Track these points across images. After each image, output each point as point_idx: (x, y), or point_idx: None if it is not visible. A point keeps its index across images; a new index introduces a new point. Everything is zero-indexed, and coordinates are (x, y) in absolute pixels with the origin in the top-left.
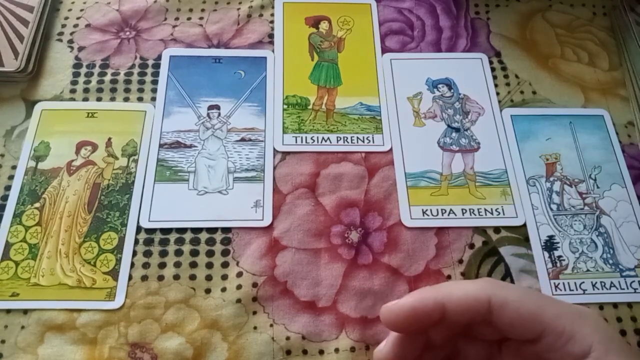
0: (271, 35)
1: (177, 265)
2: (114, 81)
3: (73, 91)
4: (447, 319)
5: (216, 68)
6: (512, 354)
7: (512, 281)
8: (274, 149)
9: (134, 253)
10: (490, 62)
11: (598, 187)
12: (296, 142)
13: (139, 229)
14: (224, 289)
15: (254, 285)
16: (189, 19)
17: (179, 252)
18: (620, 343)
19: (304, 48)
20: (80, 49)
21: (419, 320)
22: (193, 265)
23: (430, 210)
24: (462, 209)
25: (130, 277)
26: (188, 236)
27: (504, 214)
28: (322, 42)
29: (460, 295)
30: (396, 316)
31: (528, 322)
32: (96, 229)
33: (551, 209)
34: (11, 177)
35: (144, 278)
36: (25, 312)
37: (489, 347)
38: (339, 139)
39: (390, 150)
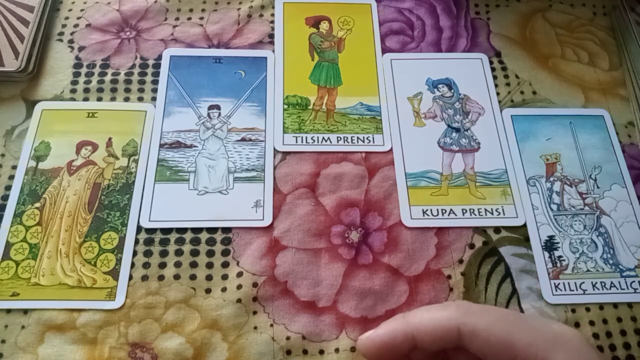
0: (271, 35)
1: (178, 265)
2: (114, 81)
3: (73, 91)
4: (419, 347)
5: (216, 68)
6: None
7: (512, 281)
8: (274, 149)
9: (135, 253)
10: (491, 62)
11: (598, 187)
12: (296, 142)
13: (139, 229)
14: (224, 289)
15: (254, 285)
16: (189, 19)
17: (179, 252)
18: None
19: (304, 48)
20: (81, 48)
21: (391, 352)
22: (193, 265)
23: (431, 210)
24: (462, 209)
25: (130, 277)
26: (188, 236)
27: (504, 214)
28: (322, 42)
29: (429, 326)
30: (368, 350)
31: (498, 350)
32: (96, 228)
33: (551, 209)
34: (11, 177)
35: (144, 278)
36: (26, 311)
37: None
38: (339, 139)
39: (391, 150)
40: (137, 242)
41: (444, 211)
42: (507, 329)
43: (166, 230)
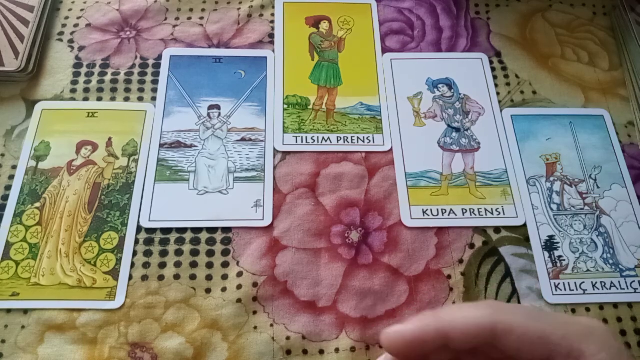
0: (271, 35)
1: (178, 265)
2: (114, 81)
3: (73, 91)
4: (450, 345)
5: (216, 68)
6: None
7: (512, 281)
8: (274, 148)
9: (135, 253)
10: (491, 62)
11: (598, 187)
12: (296, 142)
13: (139, 229)
14: (224, 289)
15: (254, 285)
16: (189, 18)
17: (179, 252)
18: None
19: (304, 48)
20: (81, 48)
21: (420, 348)
22: (193, 265)
23: (431, 210)
24: (463, 209)
25: (130, 277)
26: (188, 236)
27: (504, 214)
28: (322, 42)
29: (463, 324)
30: (396, 344)
31: (535, 346)
32: (96, 228)
33: (551, 209)
34: (11, 177)
35: (144, 278)
36: (26, 311)
37: None
38: (339, 139)
39: (391, 150)
40: (137, 242)
41: (444, 211)
42: (541, 325)
43: (166, 230)
